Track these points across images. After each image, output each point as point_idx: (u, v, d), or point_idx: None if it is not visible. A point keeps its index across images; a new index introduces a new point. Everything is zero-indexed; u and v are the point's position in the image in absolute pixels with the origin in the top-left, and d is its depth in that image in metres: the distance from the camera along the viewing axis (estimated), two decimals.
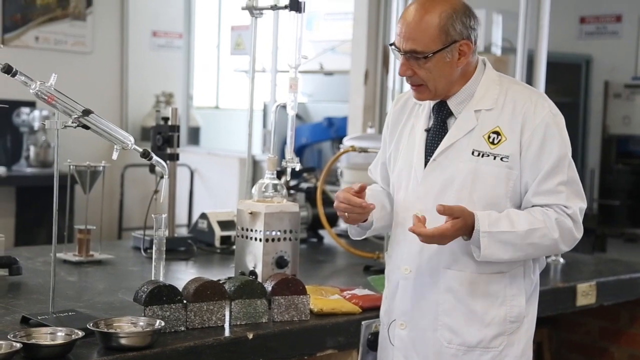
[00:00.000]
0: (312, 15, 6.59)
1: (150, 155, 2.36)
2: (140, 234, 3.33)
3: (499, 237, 2.07)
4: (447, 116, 2.19)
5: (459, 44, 2.11)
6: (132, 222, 6.78)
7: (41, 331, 2.01)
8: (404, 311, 2.22)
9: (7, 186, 6.45)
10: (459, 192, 2.13)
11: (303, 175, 3.87)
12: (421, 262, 2.18)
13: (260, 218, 2.63)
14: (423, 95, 2.18)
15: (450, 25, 2.08)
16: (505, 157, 2.11)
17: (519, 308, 2.18)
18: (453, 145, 2.15)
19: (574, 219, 2.12)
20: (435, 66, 2.11)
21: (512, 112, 2.13)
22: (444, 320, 2.17)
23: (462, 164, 2.13)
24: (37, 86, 2.13)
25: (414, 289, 2.20)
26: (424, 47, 2.09)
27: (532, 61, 4.23)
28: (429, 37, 2.08)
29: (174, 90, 7.47)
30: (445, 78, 2.14)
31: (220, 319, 2.25)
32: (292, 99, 2.86)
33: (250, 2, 3.05)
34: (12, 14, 6.70)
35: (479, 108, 2.15)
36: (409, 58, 2.11)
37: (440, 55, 2.09)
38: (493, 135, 2.13)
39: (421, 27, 2.08)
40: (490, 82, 2.19)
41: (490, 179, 2.12)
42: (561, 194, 2.10)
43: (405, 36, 2.10)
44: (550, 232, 2.09)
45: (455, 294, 2.16)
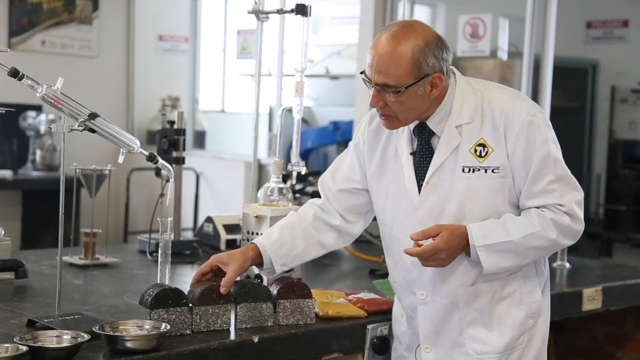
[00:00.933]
0: (318, 19, 6.60)
1: (156, 158, 2.36)
2: (146, 237, 3.33)
3: (497, 248, 2.08)
4: (430, 136, 2.18)
5: (431, 77, 2.08)
6: (137, 225, 6.79)
7: (47, 334, 2.01)
8: (427, 335, 2.23)
9: (13, 190, 6.47)
10: (458, 211, 2.13)
11: (309, 179, 3.87)
12: (436, 285, 2.19)
13: (266, 222, 2.63)
14: (393, 125, 2.17)
15: (422, 60, 2.04)
16: (496, 168, 2.11)
17: (537, 303, 2.21)
18: (442, 165, 2.14)
19: (571, 214, 2.11)
20: (407, 99, 2.08)
21: (492, 122, 2.12)
22: (469, 332, 2.18)
23: (456, 183, 2.13)
24: (43, 90, 2.13)
25: (434, 312, 2.21)
26: (396, 81, 2.05)
27: (539, 66, 4.23)
28: (401, 72, 2.04)
29: (179, 94, 7.48)
30: (416, 110, 2.12)
31: (226, 322, 2.25)
32: (298, 103, 2.86)
33: (257, 6, 3.05)
34: (19, 18, 6.72)
35: (459, 123, 2.14)
36: (381, 90, 2.08)
37: (412, 89, 2.06)
38: (479, 148, 2.12)
39: (393, 61, 2.04)
40: (464, 93, 2.16)
41: (486, 193, 2.12)
42: (554, 193, 2.10)
43: (377, 69, 2.06)
44: (547, 233, 2.09)
45: (475, 306, 2.17)
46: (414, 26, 2.08)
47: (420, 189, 2.17)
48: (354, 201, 2.36)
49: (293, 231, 2.35)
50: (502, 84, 2.26)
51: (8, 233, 2.88)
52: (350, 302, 2.54)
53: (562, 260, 3.43)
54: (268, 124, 6.62)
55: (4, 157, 6.49)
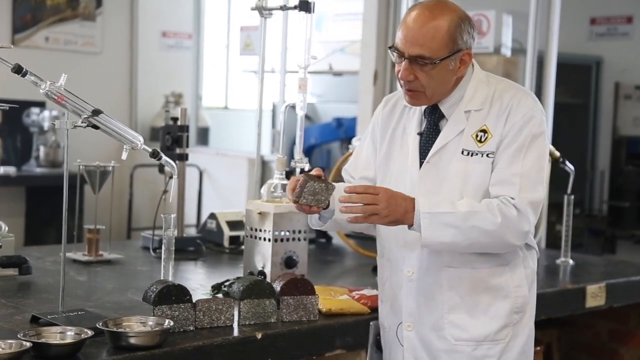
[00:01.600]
0: (321, 15, 6.59)
1: (159, 155, 2.36)
2: (150, 233, 3.33)
3: (440, 219, 2.07)
4: (439, 119, 2.22)
5: (462, 53, 2.13)
6: (141, 222, 6.79)
7: (51, 330, 2.02)
8: (410, 312, 2.24)
9: (17, 186, 6.47)
10: (451, 192, 2.15)
11: None
12: (422, 263, 2.20)
13: (269, 218, 2.63)
14: (419, 101, 2.19)
15: (458, 34, 2.10)
16: (491, 152, 2.14)
17: (523, 298, 2.21)
18: (445, 146, 2.18)
19: (519, 208, 2.10)
20: (439, 73, 2.12)
21: (498, 110, 2.17)
22: (450, 317, 2.19)
23: (452, 165, 2.16)
24: (47, 86, 2.13)
25: (418, 290, 2.22)
26: (431, 53, 2.09)
27: (542, 62, 4.22)
28: (437, 44, 2.08)
29: (183, 90, 7.48)
30: (444, 85, 2.16)
31: (229, 318, 2.25)
32: (302, 100, 2.86)
33: (260, 3, 3.05)
34: (23, 14, 6.73)
35: (469, 109, 2.18)
36: (413, 63, 2.11)
37: (445, 63, 2.11)
38: (480, 134, 2.16)
39: (430, 33, 2.08)
40: (479, 82, 2.21)
41: (479, 176, 2.14)
42: (513, 186, 2.11)
43: (412, 41, 2.09)
44: (492, 217, 2.08)
45: (459, 291, 2.18)
46: (447, 3, 2.14)
47: (421, 168, 2.20)
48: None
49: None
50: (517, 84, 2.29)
51: (12, 229, 2.89)
52: (353, 299, 2.55)
53: (566, 257, 3.43)
54: (271, 120, 6.62)
55: (7, 153, 6.50)
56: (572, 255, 3.45)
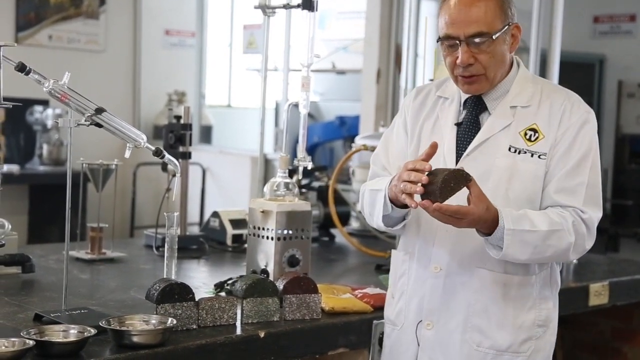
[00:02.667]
0: (324, 14, 6.59)
1: (162, 153, 2.36)
2: (153, 232, 3.33)
3: (522, 237, 2.00)
4: (481, 111, 2.14)
5: (513, 26, 2.09)
6: (144, 220, 6.80)
7: (54, 328, 2.02)
8: (432, 311, 2.13)
9: (20, 184, 6.48)
10: (494, 189, 2.05)
11: (315, 174, 3.87)
12: (452, 261, 2.11)
13: (272, 217, 2.63)
14: (480, 85, 2.11)
15: (507, 5, 2.07)
16: (543, 154, 2.06)
17: (547, 311, 2.14)
18: (488, 140, 2.09)
19: (588, 225, 2.05)
20: (497, 49, 2.06)
21: (549, 110, 2.09)
22: (475, 322, 2.10)
23: (499, 160, 2.08)
24: (50, 84, 2.13)
25: (445, 288, 2.12)
26: (488, 27, 2.04)
27: (545, 60, 4.21)
28: (492, 17, 2.04)
29: (186, 88, 7.49)
30: (503, 64, 2.10)
31: (232, 317, 2.25)
32: (305, 98, 2.86)
33: (263, 1, 3.05)
34: (26, 12, 6.73)
35: (515, 104, 2.11)
36: (470, 44, 2.05)
37: (502, 37, 2.06)
38: (530, 132, 2.08)
39: (482, 9, 2.03)
40: (525, 80, 2.15)
41: (528, 176, 2.07)
42: (580, 196, 2.05)
43: (465, 21, 2.03)
44: (568, 235, 2.02)
45: (488, 295, 2.09)
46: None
47: (458, 162, 2.11)
48: None
49: None
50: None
51: (15, 227, 2.88)
52: (356, 297, 2.54)
53: None
54: (274, 118, 6.62)
55: (11, 151, 6.51)
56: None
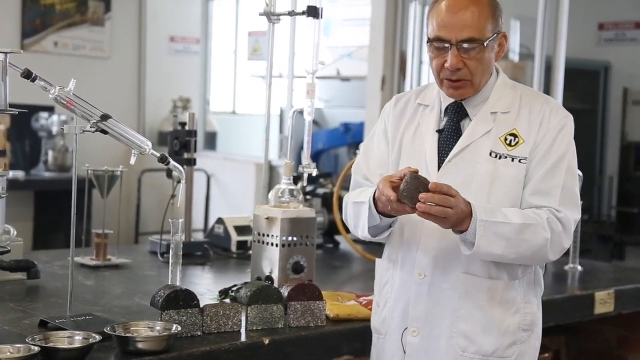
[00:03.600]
0: (329, 21, 6.60)
1: (167, 160, 2.36)
2: (157, 238, 3.34)
3: (495, 229, 2.00)
4: (462, 118, 2.16)
5: (501, 34, 2.12)
6: (148, 226, 6.80)
7: (59, 335, 2.02)
8: (417, 317, 2.15)
9: (25, 190, 6.49)
10: (476, 194, 2.07)
11: (319, 181, 3.87)
12: (437, 266, 2.12)
13: (277, 223, 2.63)
14: (465, 90, 2.13)
15: (498, 14, 2.10)
16: (523, 158, 2.09)
17: (532, 315, 2.15)
18: (469, 146, 2.11)
19: (564, 223, 2.06)
20: (486, 56, 2.08)
21: (528, 116, 2.12)
22: (460, 327, 2.11)
23: (480, 165, 2.10)
24: (56, 91, 2.14)
25: (429, 295, 2.13)
26: (480, 34, 2.06)
27: (550, 67, 4.21)
28: (484, 24, 2.06)
29: (190, 95, 7.50)
30: (488, 72, 2.14)
31: (237, 324, 2.25)
32: (309, 105, 2.86)
33: (268, 8, 3.06)
34: (32, 19, 6.75)
35: (495, 110, 2.14)
36: (460, 49, 2.06)
37: (491, 45, 2.09)
38: (510, 137, 2.11)
39: (475, 15, 2.05)
40: (504, 86, 2.18)
41: (509, 181, 2.09)
42: (554, 197, 2.07)
43: (459, 25, 2.05)
44: (543, 230, 2.03)
45: (473, 300, 2.10)
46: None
47: (440, 168, 2.13)
48: None
49: None
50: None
51: (20, 233, 2.89)
52: (360, 304, 2.54)
53: (574, 263, 3.41)
54: (279, 125, 6.63)
55: (16, 157, 6.52)
56: (581, 261, 3.44)
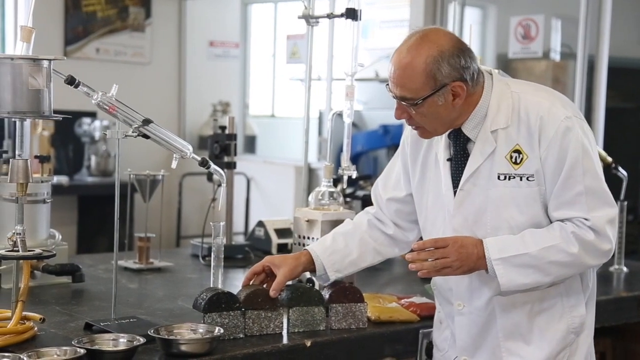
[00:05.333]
0: (367, 23, 6.59)
1: (208, 163, 2.38)
2: (199, 241, 3.36)
3: (514, 262, 1.99)
4: (466, 142, 2.12)
5: (451, 86, 2.02)
6: (190, 230, 6.86)
7: (104, 337, 2.04)
8: (464, 347, 2.18)
9: (69, 195, 6.59)
10: (494, 220, 2.07)
11: (359, 183, 3.87)
12: (472, 295, 2.14)
13: (317, 226, 2.63)
14: (425, 135, 2.14)
15: (437, 70, 1.99)
16: (530, 176, 2.04)
17: (580, 318, 2.13)
18: (477, 171, 2.09)
19: (596, 230, 2.00)
20: (428, 111, 2.04)
21: (527, 127, 2.04)
22: (507, 345, 2.12)
23: (491, 191, 2.07)
24: (98, 97, 2.17)
25: (470, 323, 2.16)
26: (412, 93, 2.02)
27: (593, 66, 4.15)
28: (416, 84, 2.01)
29: (230, 99, 7.55)
30: (441, 120, 2.07)
31: (278, 326, 2.26)
32: (348, 107, 2.86)
33: (307, 11, 3.06)
34: (74, 26, 6.86)
35: (495, 128, 2.07)
36: (401, 103, 2.06)
37: (432, 100, 2.02)
38: (515, 155, 2.05)
39: (407, 73, 2.01)
40: (501, 96, 2.09)
41: (524, 202, 2.05)
42: (580, 205, 2.01)
43: (394, 81, 2.04)
44: (567, 247, 1.99)
45: (513, 317, 2.11)
46: (429, 36, 2.03)
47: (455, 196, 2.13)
48: (405, 209, 2.32)
49: (347, 238, 2.34)
50: (542, 85, 2.19)
51: (65, 238, 2.94)
52: (402, 307, 2.53)
53: (620, 265, 3.36)
54: (318, 128, 6.63)
55: (60, 163, 6.62)
56: (626, 262, 3.38)
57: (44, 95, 2.07)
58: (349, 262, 2.32)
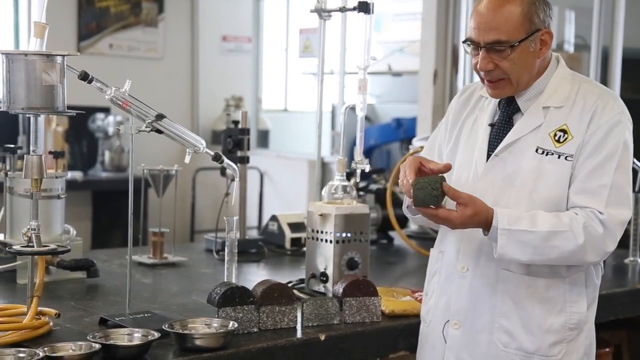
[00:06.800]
0: (380, 16, 6.57)
1: (221, 158, 2.38)
2: (212, 236, 3.37)
3: (518, 237, 1.99)
4: (514, 112, 2.13)
5: (541, 32, 2.05)
6: (203, 224, 6.88)
7: (119, 332, 2.05)
8: (458, 310, 2.16)
9: (83, 190, 6.63)
10: (519, 190, 2.06)
11: (372, 177, 3.86)
12: (479, 261, 2.12)
13: (331, 220, 2.63)
14: (504, 90, 2.11)
15: (533, 13, 2.03)
16: (570, 155, 2.04)
17: (579, 315, 2.11)
18: (517, 141, 2.09)
19: (606, 225, 1.99)
20: (520, 56, 2.04)
21: (581, 110, 2.06)
22: (501, 322, 2.11)
23: (525, 162, 2.07)
24: (112, 92, 2.17)
25: (471, 289, 2.14)
26: (508, 36, 2.02)
27: (607, 58, 4.13)
28: (513, 26, 2.02)
29: (243, 93, 7.55)
30: (528, 70, 2.08)
31: (292, 320, 2.26)
32: (361, 101, 2.85)
33: (319, 5, 3.05)
34: (88, 22, 6.88)
35: (548, 105, 2.09)
36: (490, 50, 2.04)
37: (525, 45, 2.04)
38: (560, 134, 2.06)
39: (504, 16, 2.02)
40: (562, 79, 2.12)
41: (553, 178, 2.04)
42: (600, 197, 2.00)
43: (486, 27, 2.03)
44: (574, 237, 1.98)
45: (513, 297, 2.09)
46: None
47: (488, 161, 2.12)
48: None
49: None
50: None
51: (79, 233, 2.95)
52: (416, 300, 2.53)
53: (634, 256, 3.35)
54: (331, 122, 6.63)
55: (74, 158, 6.65)
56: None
57: (57, 90, 2.07)
58: None
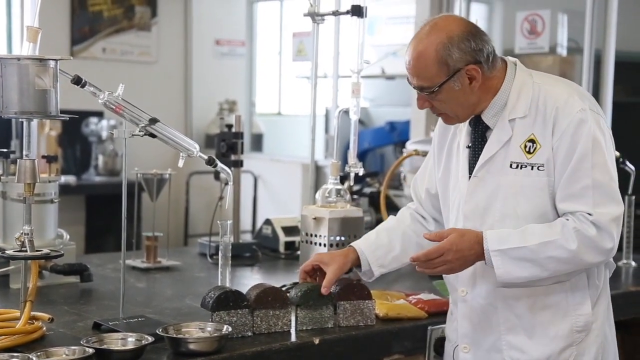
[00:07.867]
0: (373, 19, 6.59)
1: (215, 162, 2.38)
2: (206, 240, 3.37)
3: (511, 255, 2.01)
4: (485, 129, 2.14)
5: (465, 70, 2.04)
6: (197, 228, 6.87)
7: (112, 337, 2.05)
8: (465, 334, 2.20)
9: (77, 195, 6.61)
10: (502, 208, 2.08)
11: (366, 180, 3.87)
12: (476, 282, 2.15)
13: (324, 223, 2.64)
14: (450, 121, 2.17)
15: (447, 56, 2.03)
16: (541, 165, 2.05)
17: (585, 317, 2.11)
18: (492, 158, 2.11)
19: (598, 225, 1.99)
20: (447, 96, 2.07)
21: (543, 117, 2.06)
22: (508, 339, 2.12)
23: (502, 178, 2.09)
24: (105, 96, 2.17)
25: (472, 311, 2.17)
26: (428, 82, 2.06)
27: (600, 61, 4.14)
28: (430, 72, 2.05)
29: (236, 97, 7.55)
30: (461, 105, 2.10)
31: (286, 324, 2.26)
32: (355, 104, 2.86)
33: (312, 9, 3.06)
34: (81, 26, 6.88)
35: (513, 117, 2.09)
36: (421, 92, 2.10)
37: (448, 86, 2.05)
38: (529, 144, 2.07)
39: (420, 64, 2.06)
40: (522, 86, 2.10)
41: (532, 191, 2.06)
42: (586, 199, 2.00)
43: (411, 73, 2.10)
44: (566, 243, 1.99)
45: (515, 311, 2.11)
46: (438, 24, 2.07)
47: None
48: (439, 204, 2.31)
49: (390, 234, 2.35)
50: (565, 79, 2.20)
51: (73, 237, 2.94)
52: (410, 303, 2.53)
53: (628, 259, 3.35)
54: (324, 125, 6.64)
55: (67, 163, 6.64)
56: (635, 257, 3.37)
57: (50, 95, 2.07)
58: (392, 258, 2.33)
